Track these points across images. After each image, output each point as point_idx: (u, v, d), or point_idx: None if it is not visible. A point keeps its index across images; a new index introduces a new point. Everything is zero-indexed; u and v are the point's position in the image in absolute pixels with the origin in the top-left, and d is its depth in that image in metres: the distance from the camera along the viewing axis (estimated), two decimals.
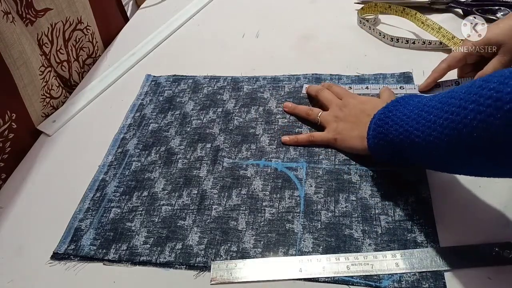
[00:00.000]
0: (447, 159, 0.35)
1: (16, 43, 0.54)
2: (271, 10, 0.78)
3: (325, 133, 0.51)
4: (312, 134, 0.51)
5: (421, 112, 0.37)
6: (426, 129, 0.35)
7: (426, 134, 0.35)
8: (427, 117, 0.35)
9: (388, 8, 0.68)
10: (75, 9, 0.68)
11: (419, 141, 0.36)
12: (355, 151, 0.48)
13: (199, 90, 0.62)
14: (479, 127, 0.30)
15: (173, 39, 0.76)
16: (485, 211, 0.42)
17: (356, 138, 0.47)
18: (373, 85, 0.57)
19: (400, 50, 0.63)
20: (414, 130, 0.36)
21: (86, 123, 0.61)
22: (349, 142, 0.48)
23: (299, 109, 0.55)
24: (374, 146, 0.43)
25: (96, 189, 0.50)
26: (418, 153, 0.37)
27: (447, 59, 0.53)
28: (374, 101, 0.50)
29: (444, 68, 0.53)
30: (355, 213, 0.44)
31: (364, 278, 0.39)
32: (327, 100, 0.53)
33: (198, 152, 0.53)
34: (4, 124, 0.54)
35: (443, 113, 0.33)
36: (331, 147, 0.50)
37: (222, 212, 0.46)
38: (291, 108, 0.56)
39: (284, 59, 0.66)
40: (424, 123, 0.35)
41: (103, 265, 0.43)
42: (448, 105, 0.33)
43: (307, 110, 0.54)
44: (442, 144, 0.33)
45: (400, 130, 0.38)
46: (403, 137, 0.38)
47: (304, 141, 0.51)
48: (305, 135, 0.52)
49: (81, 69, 0.72)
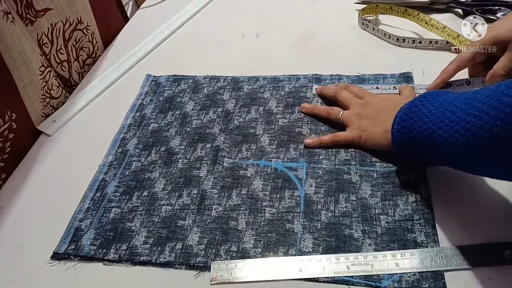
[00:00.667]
0: (466, 160, 0.35)
1: (16, 43, 0.54)
2: (271, 10, 0.78)
3: (348, 132, 0.50)
4: (336, 135, 0.51)
5: (445, 111, 0.36)
6: (449, 129, 0.35)
7: (449, 134, 0.35)
8: (451, 117, 0.35)
9: (390, 9, 0.68)
10: (75, 9, 0.68)
11: (441, 140, 0.36)
12: (380, 148, 0.48)
13: (199, 90, 0.62)
14: (499, 134, 0.30)
15: (173, 39, 0.76)
16: (485, 211, 0.42)
17: (380, 133, 0.47)
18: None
19: (400, 50, 0.63)
20: (437, 128, 0.36)
21: (86, 123, 0.61)
22: (373, 139, 0.48)
23: (318, 109, 0.55)
24: (397, 140, 0.43)
25: (96, 189, 0.50)
26: (438, 151, 0.37)
27: (456, 60, 0.53)
28: (397, 98, 0.50)
29: (454, 68, 0.53)
30: (355, 213, 0.44)
31: (364, 278, 0.39)
32: (346, 100, 0.53)
33: (198, 152, 0.53)
34: (4, 124, 0.54)
35: (466, 115, 0.33)
36: (353, 146, 0.50)
37: (222, 212, 0.46)
38: (309, 108, 0.55)
39: (284, 59, 0.66)
40: (447, 123, 0.35)
41: (103, 265, 0.43)
42: (472, 107, 0.33)
43: (328, 110, 0.53)
44: (463, 146, 0.34)
45: (424, 126, 0.38)
46: (426, 134, 0.38)
47: (328, 142, 0.51)
48: (328, 135, 0.51)
49: (81, 69, 0.72)
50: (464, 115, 0.34)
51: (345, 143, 0.50)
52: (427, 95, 0.41)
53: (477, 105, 0.33)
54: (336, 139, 0.50)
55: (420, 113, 0.40)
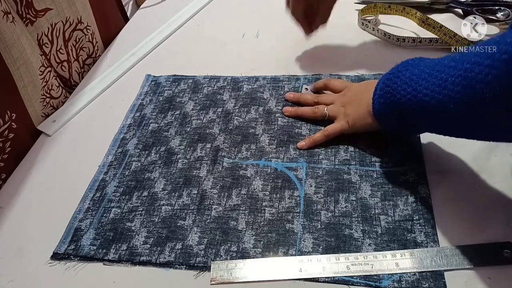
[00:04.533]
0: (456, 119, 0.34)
1: (16, 43, 0.54)
2: (271, 10, 0.78)
3: (336, 122, 0.50)
4: (325, 129, 0.51)
5: (432, 71, 0.35)
6: (436, 88, 0.34)
7: (436, 92, 0.34)
8: (438, 75, 0.34)
9: (388, 8, 0.68)
10: (75, 9, 0.68)
11: (427, 100, 0.35)
12: (369, 127, 0.47)
13: (199, 90, 0.62)
14: (493, 82, 0.29)
15: (173, 39, 0.76)
16: (485, 211, 0.42)
17: (365, 112, 0.46)
18: None
19: (400, 50, 0.63)
20: (423, 89, 0.35)
21: (86, 123, 0.61)
22: (359, 119, 0.47)
23: (303, 110, 0.55)
24: (379, 108, 0.42)
25: (96, 189, 0.50)
26: (425, 114, 0.36)
27: None
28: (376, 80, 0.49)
29: None
30: (355, 213, 0.44)
31: (364, 278, 0.39)
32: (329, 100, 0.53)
33: (198, 152, 0.53)
34: (4, 124, 0.54)
35: (456, 70, 0.32)
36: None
37: (222, 212, 0.46)
38: (292, 111, 0.55)
39: (284, 59, 0.66)
40: (434, 82, 0.34)
41: (103, 265, 0.43)
42: (462, 62, 0.32)
43: (313, 109, 0.54)
44: (453, 102, 0.32)
45: (408, 89, 0.37)
46: (410, 96, 0.37)
47: (320, 139, 0.51)
48: (319, 133, 0.51)
49: (81, 69, 0.72)
50: (453, 71, 0.33)
51: (336, 135, 0.50)
52: (410, 60, 0.41)
53: (468, 59, 0.32)
54: (327, 133, 0.50)
55: (404, 77, 0.39)
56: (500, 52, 0.29)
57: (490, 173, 0.45)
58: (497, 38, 0.30)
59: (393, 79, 0.40)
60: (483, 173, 0.45)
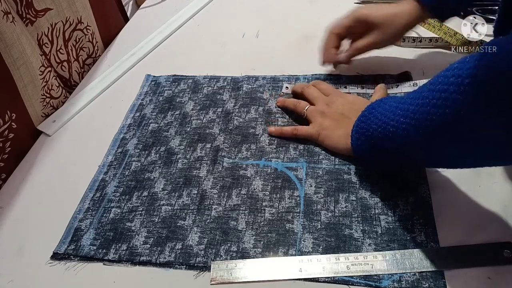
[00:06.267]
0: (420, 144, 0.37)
1: (16, 43, 0.54)
2: (271, 10, 0.78)
3: (309, 127, 0.51)
4: (296, 128, 0.52)
5: (398, 104, 0.39)
6: (400, 118, 0.37)
7: (400, 122, 0.37)
8: (402, 107, 0.38)
9: None
10: (75, 9, 0.68)
11: (393, 130, 0.38)
12: (337, 150, 0.49)
13: (199, 90, 0.62)
14: (446, 105, 0.32)
15: (173, 39, 0.76)
16: (485, 211, 0.42)
17: (341, 136, 0.48)
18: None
19: (400, 50, 0.63)
20: (390, 121, 0.39)
21: (86, 123, 0.61)
22: (332, 140, 0.49)
23: (288, 101, 0.56)
24: (356, 141, 0.44)
25: (96, 189, 0.50)
26: (393, 142, 0.39)
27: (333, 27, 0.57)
28: (362, 102, 0.50)
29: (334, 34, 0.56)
30: (355, 213, 0.44)
31: (364, 278, 0.39)
32: (313, 96, 0.54)
33: (198, 152, 0.53)
34: (4, 124, 0.54)
35: (415, 100, 0.36)
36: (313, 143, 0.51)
37: (222, 212, 0.46)
38: (280, 101, 0.57)
39: (284, 59, 0.66)
40: (398, 113, 0.38)
41: (103, 265, 0.43)
42: (420, 93, 0.35)
43: (295, 102, 0.55)
44: (414, 129, 0.35)
45: (379, 123, 0.40)
46: (381, 129, 0.40)
47: (288, 133, 0.52)
48: (289, 127, 0.52)
49: (81, 69, 0.72)
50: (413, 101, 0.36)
51: (304, 137, 0.51)
52: (383, 99, 0.44)
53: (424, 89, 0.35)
54: (296, 132, 0.51)
55: (376, 112, 0.42)
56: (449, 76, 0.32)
57: (490, 173, 0.45)
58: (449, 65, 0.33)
59: (367, 115, 0.43)
60: (483, 173, 0.45)
